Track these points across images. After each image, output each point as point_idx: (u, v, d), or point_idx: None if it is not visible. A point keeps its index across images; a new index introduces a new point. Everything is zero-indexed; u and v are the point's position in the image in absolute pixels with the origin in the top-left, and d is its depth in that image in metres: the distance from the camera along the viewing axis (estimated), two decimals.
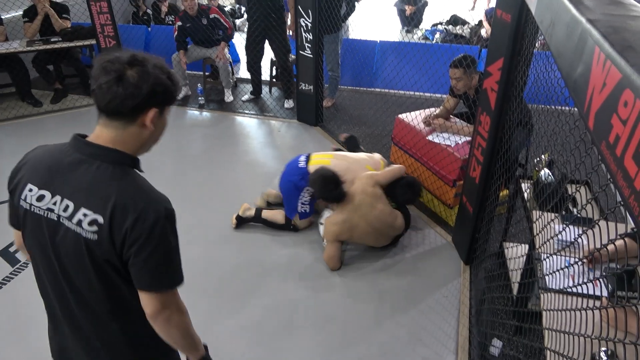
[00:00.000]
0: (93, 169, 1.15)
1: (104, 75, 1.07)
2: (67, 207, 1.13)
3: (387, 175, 2.93)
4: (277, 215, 3.15)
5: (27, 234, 1.24)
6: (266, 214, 3.16)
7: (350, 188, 2.84)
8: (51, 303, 1.30)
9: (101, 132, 1.20)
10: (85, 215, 1.10)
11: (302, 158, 3.11)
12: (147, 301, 1.18)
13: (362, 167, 3.03)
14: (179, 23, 4.99)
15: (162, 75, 1.12)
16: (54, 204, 1.14)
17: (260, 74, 5.32)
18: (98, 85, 1.08)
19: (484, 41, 5.94)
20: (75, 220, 1.11)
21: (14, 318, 2.50)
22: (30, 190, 1.19)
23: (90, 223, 1.09)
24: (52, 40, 4.95)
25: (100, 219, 1.08)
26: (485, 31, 6.27)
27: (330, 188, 2.78)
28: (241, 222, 3.18)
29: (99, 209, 1.09)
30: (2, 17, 5.06)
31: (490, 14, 6.02)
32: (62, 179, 1.16)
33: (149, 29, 6.56)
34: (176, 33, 5.06)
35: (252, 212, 3.18)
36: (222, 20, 5.01)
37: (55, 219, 1.14)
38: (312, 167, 2.96)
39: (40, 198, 1.17)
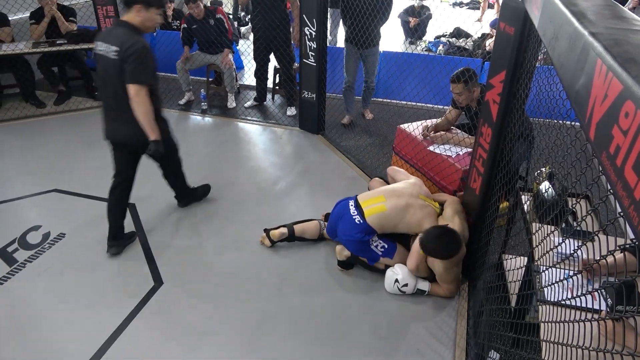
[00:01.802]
0: (119, 30, 2.60)
1: None
2: (108, 47, 2.56)
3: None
4: (311, 227, 3.07)
5: (97, 66, 2.69)
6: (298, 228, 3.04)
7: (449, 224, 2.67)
8: (104, 100, 2.77)
9: (123, 15, 2.66)
10: (114, 49, 2.54)
11: (353, 210, 2.78)
12: (129, 89, 2.56)
13: (417, 198, 2.80)
14: (184, 25, 5.04)
15: None
16: (105, 47, 2.59)
17: (266, 81, 5.35)
18: None
19: (487, 53, 5.98)
20: (110, 52, 2.55)
21: (11, 317, 2.49)
22: (97, 44, 2.65)
23: (115, 52, 2.53)
24: (57, 42, 4.99)
25: (117, 48, 2.52)
26: (489, 43, 6.31)
27: (452, 249, 2.55)
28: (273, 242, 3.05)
29: (117, 45, 2.53)
30: (9, 18, 5.10)
31: (494, 25, 6.07)
32: (108, 36, 2.62)
33: (154, 33, 6.60)
34: (182, 34, 5.11)
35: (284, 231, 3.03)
36: (225, 23, 5.05)
37: (105, 54, 2.59)
38: (370, 219, 2.70)
39: (100, 46, 2.62)
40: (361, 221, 2.72)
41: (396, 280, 2.68)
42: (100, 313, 2.53)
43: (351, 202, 2.85)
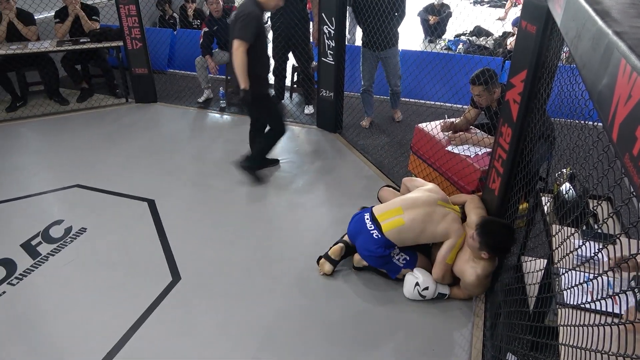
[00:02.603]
0: (247, 2, 3.33)
1: None
2: (233, 14, 3.37)
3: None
4: None
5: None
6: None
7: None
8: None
9: None
10: (233, 15, 3.33)
11: (370, 225, 2.68)
12: (233, 43, 3.26)
13: (436, 206, 2.70)
14: (206, 29, 5.07)
15: None
16: (233, 14, 3.37)
17: (284, 80, 5.36)
18: None
19: (509, 52, 5.89)
20: (232, 18, 3.40)
21: (35, 309, 2.56)
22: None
23: (234, 17, 3.33)
24: (81, 40, 5.09)
25: (235, 14, 3.36)
26: (510, 42, 6.22)
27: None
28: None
29: (237, 12, 3.34)
30: (35, 17, 5.23)
31: (517, 23, 5.97)
32: (239, 7, 3.40)
33: (175, 32, 6.68)
34: (202, 40, 5.13)
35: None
36: None
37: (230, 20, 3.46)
38: (388, 233, 2.61)
39: (232, 15, 3.39)
40: (379, 236, 2.63)
41: (416, 284, 2.63)
42: (119, 306, 2.58)
43: (367, 216, 2.74)
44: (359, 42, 5.89)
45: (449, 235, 2.61)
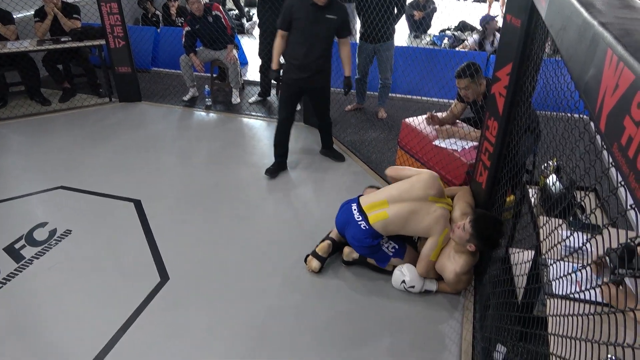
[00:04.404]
0: None
1: None
2: None
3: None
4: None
5: None
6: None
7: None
8: None
9: None
10: None
11: (357, 215, 2.71)
12: None
13: (425, 202, 2.66)
14: (187, 28, 5.01)
15: None
16: None
17: None
18: None
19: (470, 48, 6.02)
20: None
21: (19, 313, 2.51)
22: None
23: None
24: (62, 40, 4.99)
25: None
26: (472, 40, 6.29)
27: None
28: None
29: None
30: (14, 16, 5.11)
31: (484, 21, 6.05)
32: None
33: (158, 30, 6.60)
34: (184, 40, 5.07)
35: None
36: (222, 19, 5.02)
37: None
38: (375, 225, 2.63)
39: None
40: (367, 227, 2.67)
41: (403, 281, 2.67)
42: (107, 309, 2.54)
43: (354, 206, 2.77)
44: (354, 39, 5.91)
45: (431, 232, 2.63)
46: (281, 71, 3.80)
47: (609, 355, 1.37)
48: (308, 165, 4.09)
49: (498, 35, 6.38)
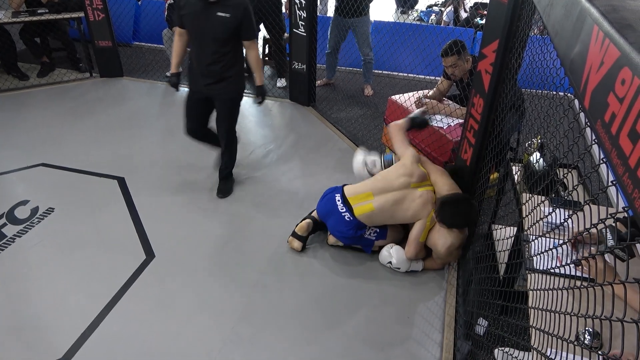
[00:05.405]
0: None
1: None
2: None
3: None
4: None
5: None
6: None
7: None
8: None
9: None
10: None
11: (341, 207, 2.69)
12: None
13: (408, 189, 2.66)
14: (170, 1, 4.87)
15: None
16: None
17: None
18: None
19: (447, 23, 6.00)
20: None
21: (2, 292, 2.49)
22: None
23: None
24: (38, 11, 4.82)
25: None
26: (448, 14, 6.29)
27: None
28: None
29: None
30: None
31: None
32: None
33: (139, 2, 6.41)
34: (166, 13, 4.93)
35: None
36: None
37: None
38: (360, 217, 2.63)
39: None
40: (351, 218, 2.66)
41: (389, 262, 2.71)
42: (92, 287, 2.53)
43: (337, 197, 2.73)
44: (331, 12, 5.80)
45: (417, 217, 2.65)
46: (180, 75, 3.19)
47: (587, 328, 1.41)
48: (293, 143, 4.07)
49: None
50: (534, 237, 1.81)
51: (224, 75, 2.94)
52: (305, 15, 4.24)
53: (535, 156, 2.32)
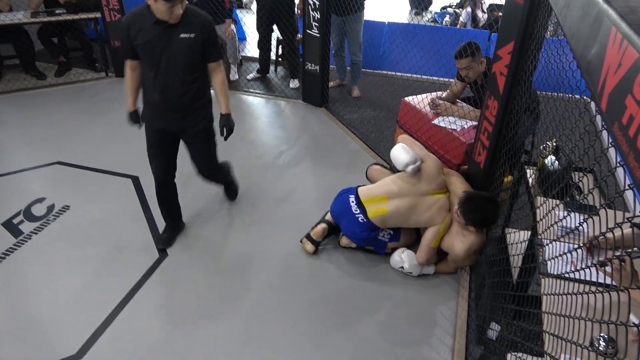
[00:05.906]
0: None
1: None
2: None
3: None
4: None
5: None
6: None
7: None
8: None
9: None
10: None
11: (355, 208, 2.68)
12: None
13: (425, 196, 2.64)
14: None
15: None
16: None
17: (269, 53, 5.26)
18: None
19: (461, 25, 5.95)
20: None
21: (18, 288, 2.53)
22: None
23: None
24: (56, 12, 4.90)
25: None
26: (465, 15, 6.24)
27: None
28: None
29: None
30: None
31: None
32: None
33: None
34: None
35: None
36: None
37: None
38: (373, 219, 2.62)
39: None
40: (365, 220, 2.64)
41: (401, 267, 2.70)
42: (106, 284, 2.56)
43: (352, 198, 2.73)
44: None
45: (432, 222, 2.63)
46: (139, 112, 2.66)
47: (601, 334, 1.39)
48: (306, 144, 4.07)
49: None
50: (548, 241, 1.79)
51: (194, 106, 2.57)
52: (318, 17, 4.24)
53: (550, 159, 2.29)
